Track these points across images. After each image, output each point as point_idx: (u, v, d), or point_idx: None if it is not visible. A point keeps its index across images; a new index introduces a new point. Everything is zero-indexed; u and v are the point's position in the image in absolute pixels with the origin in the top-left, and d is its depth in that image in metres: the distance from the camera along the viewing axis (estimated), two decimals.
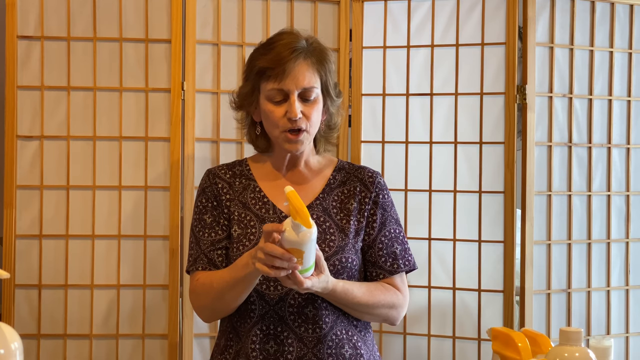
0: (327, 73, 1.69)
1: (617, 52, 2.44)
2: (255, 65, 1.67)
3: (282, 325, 1.62)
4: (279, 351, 1.61)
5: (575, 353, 1.34)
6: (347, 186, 1.74)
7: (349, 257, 1.65)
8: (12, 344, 1.15)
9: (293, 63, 1.62)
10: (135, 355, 2.27)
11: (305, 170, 1.75)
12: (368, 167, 1.80)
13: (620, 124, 2.46)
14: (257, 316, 1.63)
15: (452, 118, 2.37)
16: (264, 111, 1.67)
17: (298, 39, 1.66)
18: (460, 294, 2.35)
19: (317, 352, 1.61)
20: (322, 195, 1.72)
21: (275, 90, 1.63)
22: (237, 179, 1.74)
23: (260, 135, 1.75)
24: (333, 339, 1.63)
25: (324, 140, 1.79)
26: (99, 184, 2.26)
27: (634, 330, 2.46)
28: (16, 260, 2.23)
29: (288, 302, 1.62)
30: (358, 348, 1.65)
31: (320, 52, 1.68)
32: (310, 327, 1.62)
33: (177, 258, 2.25)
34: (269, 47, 1.66)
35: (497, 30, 2.33)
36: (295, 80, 1.62)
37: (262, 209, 1.69)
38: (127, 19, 2.27)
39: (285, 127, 1.64)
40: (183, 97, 2.26)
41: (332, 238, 1.65)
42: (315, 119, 1.67)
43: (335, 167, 1.78)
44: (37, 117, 2.25)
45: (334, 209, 1.70)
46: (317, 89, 1.66)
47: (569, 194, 2.39)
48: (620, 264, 2.46)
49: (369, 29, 2.40)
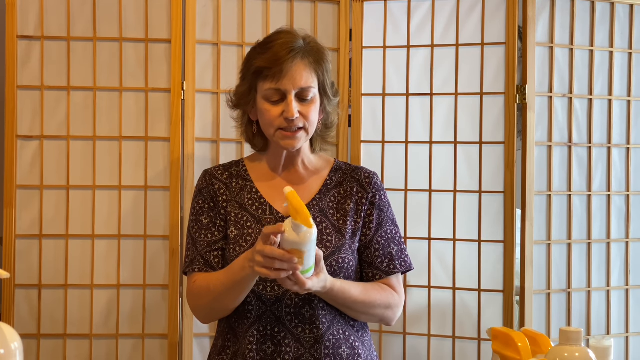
0: (325, 73, 1.69)
1: (617, 52, 2.44)
2: (253, 64, 1.66)
3: (279, 326, 1.62)
4: (276, 352, 1.61)
5: (575, 353, 1.34)
6: (344, 187, 1.74)
7: (346, 257, 1.65)
8: (12, 344, 1.15)
9: (290, 63, 1.62)
10: (135, 355, 2.27)
11: (302, 170, 1.75)
12: (365, 167, 1.80)
13: (620, 124, 2.46)
14: (254, 317, 1.63)
15: (452, 118, 2.37)
16: (260, 110, 1.67)
17: (295, 38, 1.66)
18: (460, 294, 2.35)
19: (314, 352, 1.61)
20: (318, 196, 1.71)
21: (272, 90, 1.63)
22: (233, 180, 1.74)
23: (257, 134, 1.75)
24: (330, 339, 1.62)
25: (321, 140, 1.79)
26: (99, 184, 2.26)
27: (634, 330, 2.46)
28: (16, 260, 2.23)
29: (285, 302, 1.62)
30: (356, 348, 1.65)
31: (317, 51, 1.68)
32: (308, 328, 1.62)
33: (177, 258, 2.25)
34: (266, 47, 1.66)
35: (497, 30, 2.33)
36: (293, 80, 1.62)
37: (259, 210, 1.69)
38: (127, 19, 2.27)
39: (282, 126, 1.64)
40: (183, 97, 2.26)
41: (329, 239, 1.65)
42: (313, 118, 1.67)
43: (332, 167, 1.77)
44: (37, 117, 2.25)
45: (330, 209, 1.70)
46: (315, 89, 1.66)
47: (569, 194, 2.39)
48: (620, 264, 2.46)
49: (369, 29, 2.40)
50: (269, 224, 1.66)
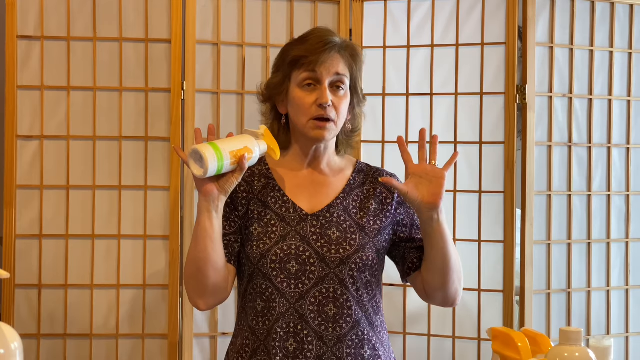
0: (358, 71, 1.72)
1: (617, 52, 2.44)
2: (289, 54, 1.69)
3: (303, 324, 1.62)
4: (299, 349, 1.61)
5: (575, 353, 1.34)
6: (367, 187, 1.75)
7: (370, 255, 1.65)
8: (12, 344, 1.15)
9: (328, 54, 1.66)
10: (135, 355, 2.27)
11: (326, 169, 1.76)
12: (385, 169, 1.81)
13: (620, 124, 2.46)
14: (278, 314, 1.63)
15: (452, 118, 2.37)
16: (293, 99, 1.68)
17: (333, 34, 1.71)
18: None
19: (336, 351, 1.61)
20: (342, 195, 1.72)
21: (307, 77, 1.65)
22: (255, 178, 1.75)
23: (283, 128, 1.76)
24: (353, 339, 1.63)
25: (346, 143, 1.80)
26: (99, 184, 2.26)
27: (634, 330, 2.46)
28: (16, 260, 2.23)
29: (309, 300, 1.62)
30: (377, 349, 1.66)
31: (353, 49, 1.72)
32: (331, 326, 1.62)
33: (177, 258, 2.25)
34: (304, 39, 1.71)
35: (497, 30, 2.33)
36: (328, 68, 1.65)
37: (282, 208, 1.69)
38: (127, 19, 2.27)
39: (315, 114, 1.65)
40: (183, 97, 2.26)
41: (353, 237, 1.65)
42: (343, 111, 1.68)
43: (355, 168, 1.79)
44: (37, 117, 2.25)
45: (353, 208, 1.71)
46: (347, 82, 1.69)
47: (569, 194, 2.39)
48: (620, 264, 2.46)
49: (369, 29, 2.40)
50: (293, 221, 1.66)
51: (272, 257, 1.62)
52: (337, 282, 1.62)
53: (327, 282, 1.62)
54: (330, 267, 1.62)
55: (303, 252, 1.62)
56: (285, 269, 1.62)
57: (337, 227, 1.66)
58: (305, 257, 1.62)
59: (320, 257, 1.62)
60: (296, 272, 1.62)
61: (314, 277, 1.62)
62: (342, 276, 1.62)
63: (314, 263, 1.62)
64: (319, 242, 1.63)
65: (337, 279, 1.62)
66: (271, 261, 1.62)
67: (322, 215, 1.67)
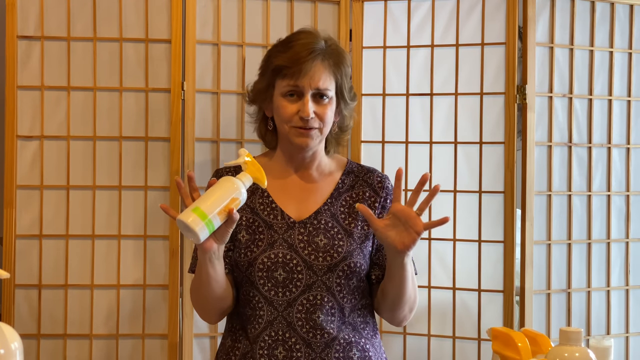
0: (343, 76, 1.69)
1: (617, 52, 2.44)
2: (272, 62, 1.67)
3: (291, 331, 1.61)
4: (288, 357, 1.61)
5: (575, 353, 1.35)
6: (356, 190, 1.73)
7: (358, 261, 1.65)
8: (12, 344, 1.15)
9: (310, 64, 1.63)
10: (135, 355, 2.27)
11: (315, 174, 1.75)
12: (377, 170, 1.80)
13: (620, 124, 2.46)
14: (266, 322, 1.63)
15: (452, 118, 2.37)
16: (276, 107, 1.67)
17: (317, 39, 1.66)
18: (460, 294, 2.35)
19: (325, 356, 1.61)
20: (330, 200, 1.71)
21: (290, 87, 1.64)
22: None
23: (270, 130, 1.75)
24: (341, 343, 1.62)
25: (335, 142, 1.79)
26: (99, 184, 2.26)
27: (634, 330, 2.46)
28: (16, 260, 2.23)
29: (296, 307, 1.62)
30: (366, 350, 1.65)
31: (338, 54, 1.69)
32: (318, 333, 1.61)
33: (177, 258, 2.25)
34: (287, 46, 1.67)
35: (497, 30, 2.33)
36: (311, 80, 1.62)
37: (270, 215, 1.69)
38: (127, 19, 2.27)
39: (297, 124, 1.65)
40: (183, 97, 2.26)
41: (341, 243, 1.65)
42: (328, 118, 1.67)
43: (344, 170, 1.77)
44: (37, 117, 2.25)
45: (341, 214, 1.69)
46: (331, 92, 1.66)
47: (569, 194, 2.39)
48: (620, 264, 2.46)
49: (369, 29, 2.40)
50: (280, 229, 1.66)
51: (259, 265, 1.62)
52: (324, 289, 1.61)
53: (314, 289, 1.61)
54: (317, 275, 1.62)
55: (290, 260, 1.61)
56: (273, 277, 1.61)
57: (324, 234, 1.64)
58: (292, 265, 1.61)
59: (307, 265, 1.61)
60: (283, 280, 1.61)
61: (301, 284, 1.61)
62: (329, 283, 1.62)
63: (301, 271, 1.61)
64: (306, 249, 1.62)
65: (324, 286, 1.61)
66: (258, 269, 1.62)
67: (310, 222, 1.66)
